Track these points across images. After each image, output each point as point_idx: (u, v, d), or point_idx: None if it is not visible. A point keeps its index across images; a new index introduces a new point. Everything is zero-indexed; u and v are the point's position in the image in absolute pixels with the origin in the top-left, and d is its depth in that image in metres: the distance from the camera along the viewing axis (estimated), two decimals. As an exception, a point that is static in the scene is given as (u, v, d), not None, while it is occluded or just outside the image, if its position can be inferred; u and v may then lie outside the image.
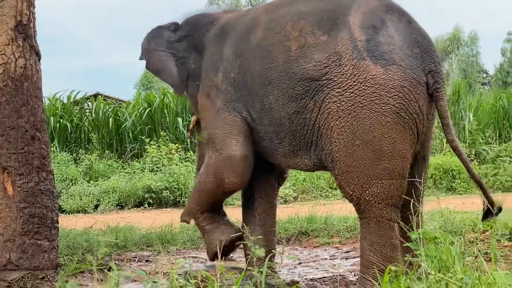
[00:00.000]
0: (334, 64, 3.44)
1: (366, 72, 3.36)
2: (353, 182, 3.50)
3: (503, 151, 13.19)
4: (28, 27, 4.57)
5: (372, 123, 3.37)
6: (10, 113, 4.45)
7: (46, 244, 4.54)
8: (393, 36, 3.41)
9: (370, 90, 3.35)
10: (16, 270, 4.41)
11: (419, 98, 3.40)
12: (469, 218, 5.69)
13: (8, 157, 4.43)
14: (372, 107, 3.36)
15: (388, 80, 3.34)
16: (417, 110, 3.41)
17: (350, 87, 3.39)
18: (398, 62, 3.36)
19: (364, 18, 3.47)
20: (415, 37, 3.47)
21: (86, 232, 6.87)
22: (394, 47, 3.38)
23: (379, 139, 3.37)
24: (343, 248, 5.91)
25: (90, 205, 11.55)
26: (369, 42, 3.39)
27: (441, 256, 3.09)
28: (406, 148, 3.43)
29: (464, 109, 14.69)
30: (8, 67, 4.46)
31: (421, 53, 3.43)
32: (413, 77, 3.37)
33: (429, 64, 3.44)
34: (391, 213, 3.51)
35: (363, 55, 3.38)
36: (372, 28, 3.43)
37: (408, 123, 3.39)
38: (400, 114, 3.36)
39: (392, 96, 3.34)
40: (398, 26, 3.47)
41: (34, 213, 4.48)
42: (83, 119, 15.67)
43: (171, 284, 3.00)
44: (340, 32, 3.47)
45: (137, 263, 5.65)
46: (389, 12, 3.52)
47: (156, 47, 4.57)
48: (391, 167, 3.41)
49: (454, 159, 12.49)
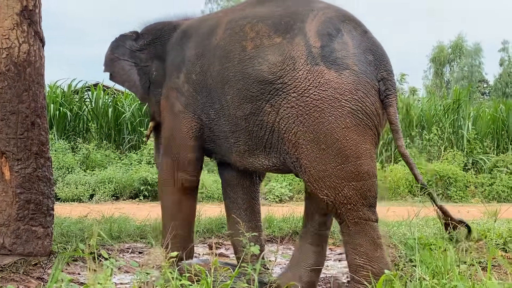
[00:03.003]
0: (289, 68, 3.49)
1: (320, 77, 3.41)
2: (325, 187, 3.50)
3: (501, 161, 13.18)
4: (34, 13, 4.56)
5: (332, 126, 3.40)
6: (11, 98, 4.44)
7: (41, 231, 4.54)
8: (347, 43, 3.48)
9: (325, 94, 3.40)
10: (9, 255, 4.41)
11: (374, 101, 3.45)
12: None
13: (7, 142, 4.42)
14: (330, 110, 3.40)
15: (342, 84, 3.39)
16: (374, 111, 3.46)
17: (306, 92, 3.44)
18: (351, 67, 3.41)
19: (320, 26, 3.53)
20: (369, 45, 3.53)
21: (80, 221, 6.85)
22: (347, 53, 3.44)
23: (341, 142, 3.40)
24: (337, 249, 5.91)
25: (86, 194, 11.54)
26: (323, 49, 3.45)
27: (436, 263, 3.08)
28: (370, 148, 3.48)
29: (463, 118, 14.70)
30: (11, 51, 4.46)
31: (374, 60, 3.50)
32: (367, 81, 3.43)
33: (382, 72, 3.49)
34: (368, 213, 3.55)
35: (317, 61, 3.43)
36: (327, 36, 3.49)
37: (367, 123, 3.44)
38: (357, 115, 3.40)
39: (347, 99, 3.38)
40: (353, 34, 3.53)
41: (30, 199, 4.48)
42: (82, 108, 15.65)
43: (164, 276, 2.99)
44: (296, 38, 3.53)
45: (131, 254, 5.64)
46: (345, 21, 3.58)
47: (120, 56, 4.57)
48: (358, 168, 3.45)
49: (451, 167, 12.51)
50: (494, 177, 12.66)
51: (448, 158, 13.30)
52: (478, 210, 8.05)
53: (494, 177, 12.66)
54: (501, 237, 5.19)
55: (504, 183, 12.33)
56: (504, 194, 12.21)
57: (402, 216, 6.48)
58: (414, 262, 3.74)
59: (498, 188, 12.28)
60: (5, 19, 4.45)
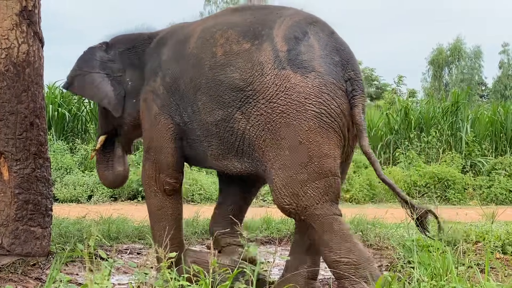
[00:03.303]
0: (257, 74, 3.53)
1: (286, 81, 3.45)
2: (288, 194, 3.52)
3: (499, 164, 13.19)
4: (33, 13, 4.56)
5: (296, 130, 3.43)
6: (10, 98, 4.44)
7: (39, 231, 4.54)
8: (313, 45, 3.52)
9: (291, 99, 3.43)
10: (8, 255, 4.41)
11: (340, 102, 3.48)
12: (462, 229, 5.70)
13: (5, 142, 4.42)
14: (295, 115, 3.43)
15: (307, 87, 3.42)
16: (339, 113, 3.48)
17: (274, 97, 3.48)
18: (317, 68, 3.45)
19: (287, 31, 3.57)
20: (336, 46, 3.57)
21: (79, 222, 6.85)
22: (313, 55, 3.48)
23: (305, 144, 3.44)
24: (335, 251, 5.90)
25: (84, 195, 11.53)
26: (290, 52, 3.49)
27: (434, 264, 3.09)
28: (333, 149, 3.49)
29: (462, 120, 14.71)
30: (10, 52, 4.46)
31: (341, 61, 3.53)
32: (332, 82, 3.46)
33: (349, 72, 3.52)
34: (332, 208, 3.53)
35: (284, 65, 3.47)
36: (294, 39, 3.52)
37: (332, 125, 3.46)
38: (322, 118, 3.43)
39: (312, 102, 3.42)
40: (320, 36, 3.57)
41: (28, 199, 4.48)
42: (81, 109, 15.64)
43: (162, 277, 2.99)
44: (264, 44, 3.57)
45: (129, 255, 5.64)
46: (313, 24, 3.63)
47: (90, 70, 4.47)
48: (321, 167, 3.47)
49: (449, 169, 12.52)
50: (492, 180, 12.67)
51: (447, 161, 13.31)
52: (476, 212, 8.06)
53: (492, 180, 12.67)
54: (499, 239, 5.20)
55: (502, 185, 12.34)
56: (502, 196, 12.22)
57: (400, 218, 6.48)
58: (413, 263, 3.75)
59: (496, 191, 12.29)
60: (4, 19, 4.45)
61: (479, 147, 14.40)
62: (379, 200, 12.02)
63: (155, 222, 4.35)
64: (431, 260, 3.63)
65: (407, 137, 14.45)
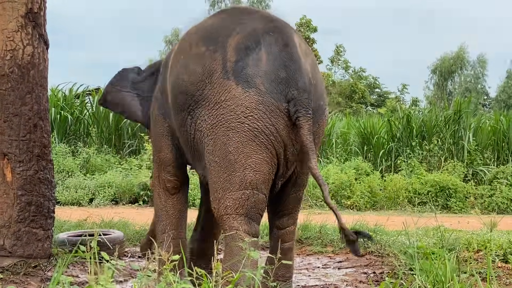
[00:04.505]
0: (207, 81, 3.62)
1: (228, 92, 3.54)
2: (213, 199, 3.69)
3: (501, 173, 13.14)
4: (39, 15, 4.58)
5: (228, 140, 3.55)
6: (14, 100, 4.46)
7: (41, 233, 4.54)
8: (261, 59, 3.56)
9: (229, 109, 3.53)
10: (9, 256, 4.41)
11: (276, 122, 3.54)
12: (464, 237, 5.69)
13: (9, 144, 4.43)
14: (229, 125, 3.54)
15: (245, 101, 3.50)
16: (274, 133, 3.54)
17: (215, 105, 3.58)
18: (258, 85, 3.51)
19: (241, 40, 3.63)
20: (284, 61, 3.58)
21: (80, 225, 6.87)
22: (258, 70, 3.53)
23: (233, 154, 3.55)
24: (336, 257, 5.91)
25: (85, 198, 11.54)
26: (237, 63, 3.56)
27: (436, 272, 3.09)
28: (260, 164, 3.56)
29: (464, 129, 14.69)
30: (15, 53, 4.47)
31: (286, 78, 3.55)
32: (271, 102, 3.51)
33: (292, 91, 3.54)
34: (242, 223, 3.61)
35: (229, 75, 3.55)
36: (244, 50, 3.59)
37: (264, 142, 3.54)
38: (254, 133, 3.53)
39: (247, 117, 3.51)
40: (272, 49, 3.60)
41: (31, 201, 4.49)
42: (83, 112, 15.66)
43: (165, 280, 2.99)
44: (217, 51, 3.65)
45: (130, 258, 5.65)
46: (269, 33, 3.66)
47: (121, 88, 4.78)
48: (242, 179, 3.56)
49: (451, 178, 12.50)
50: (494, 189, 12.63)
51: (448, 169, 13.28)
52: (477, 221, 8.06)
53: (494, 189, 12.63)
54: (501, 248, 5.19)
55: (504, 194, 12.30)
56: (504, 205, 12.18)
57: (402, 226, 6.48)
58: (414, 271, 3.74)
59: (498, 200, 12.25)
60: (10, 21, 4.47)
61: (481, 156, 14.36)
62: (380, 207, 11.99)
63: (157, 221, 4.48)
64: (432, 267, 3.63)
65: (409, 145, 14.42)
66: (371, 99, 37.92)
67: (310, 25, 39.19)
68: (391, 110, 24.42)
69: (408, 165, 13.62)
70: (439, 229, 5.48)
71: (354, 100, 35.63)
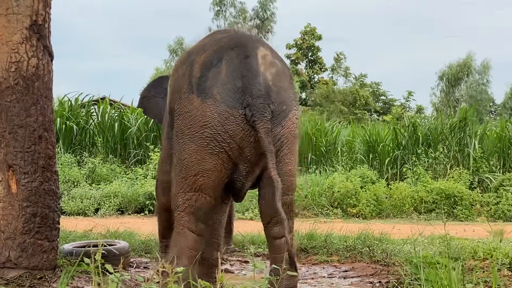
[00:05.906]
0: (178, 96, 3.97)
1: (190, 104, 3.85)
2: (172, 195, 4.06)
3: (507, 180, 13.10)
4: (43, 27, 4.60)
5: (185, 147, 3.87)
6: (19, 111, 4.47)
7: (46, 244, 4.54)
8: (220, 71, 3.82)
9: (189, 119, 3.84)
10: (15, 268, 4.41)
11: (230, 129, 3.77)
12: (470, 246, 5.68)
13: (14, 155, 4.44)
14: (188, 133, 3.85)
15: (202, 111, 3.78)
16: (227, 138, 3.78)
17: (182, 116, 3.90)
18: (214, 95, 3.77)
19: (207, 57, 3.91)
20: (242, 71, 3.81)
21: (85, 235, 6.87)
22: (216, 82, 3.80)
23: (186, 161, 3.87)
24: (342, 267, 5.89)
25: (91, 208, 11.57)
26: (200, 79, 3.85)
27: (441, 281, 3.07)
28: (210, 170, 3.84)
29: (470, 136, 14.66)
30: (20, 65, 4.49)
31: (243, 87, 3.78)
32: (226, 110, 3.76)
33: (247, 98, 3.76)
34: (188, 221, 3.96)
35: (193, 89, 3.85)
36: (208, 65, 3.87)
37: (216, 149, 3.80)
38: (206, 141, 3.80)
39: (202, 126, 3.79)
40: (233, 62, 3.84)
41: (36, 212, 4.49)
42: (89, 122, 15.69)
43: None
44: (188, 69, 3.96)
45: (135, 269, 5.64)
46: (234, 49, 3.91)
47: (156, 95, 5.22)
48: (193, 182, 3.89)
49: (457, 185, 12.47)
50: (500, 196, 12.60)
51: (454, 177, 13.25)
52: (483, 229, 8.03)
53: (500, 196, 12.60)
54: (507, 257, 5.17)
55: (510, 202, 12.26)
56: (510, 213, 12.14)
57: (407, 234, 6.46)
58: (420, 280, 3.73)
59: (503, 207, 12.22)
60: (14, 33, 4.49)
61: (487, 163, 14.33)
62: (386, 215, 11.98)
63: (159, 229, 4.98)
64: (438, 277, 3.61)
65: (415, 153, 14.40)
66: (376, 106, 37.94)
67: (315, 33, 39.32)
68: (396, 117, 24.39)
69: (414, 173, 13.60)
70: (445, 237, 5.45)
71: (357, 107, 35.67)
